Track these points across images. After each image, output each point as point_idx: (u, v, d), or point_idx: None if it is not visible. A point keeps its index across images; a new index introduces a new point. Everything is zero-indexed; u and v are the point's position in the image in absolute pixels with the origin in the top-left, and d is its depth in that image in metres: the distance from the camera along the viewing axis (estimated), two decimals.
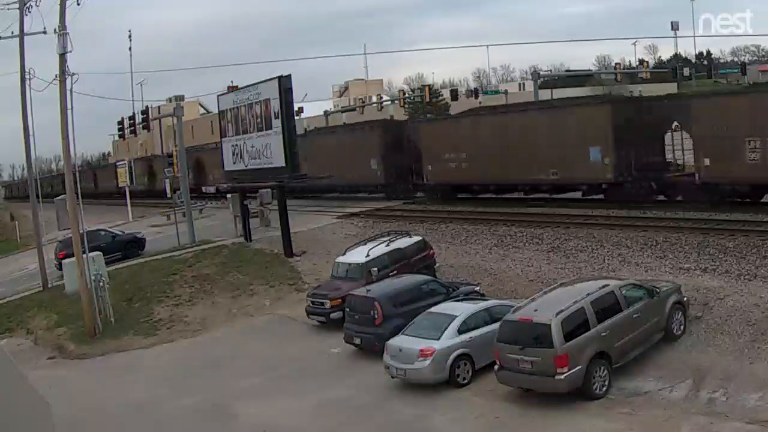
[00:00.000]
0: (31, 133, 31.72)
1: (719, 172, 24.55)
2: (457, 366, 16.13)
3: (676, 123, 27.56)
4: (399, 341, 16.78)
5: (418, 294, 19.07)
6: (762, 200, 24.98)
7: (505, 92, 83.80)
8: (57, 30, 23.98)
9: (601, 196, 29.04)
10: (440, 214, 31.70)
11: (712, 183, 24.91)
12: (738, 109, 24.62)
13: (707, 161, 24.92)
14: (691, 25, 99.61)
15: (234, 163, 32.58)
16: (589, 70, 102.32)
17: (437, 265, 23.68)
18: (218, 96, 34.90)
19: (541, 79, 75.86)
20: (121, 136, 51.74)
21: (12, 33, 30.10)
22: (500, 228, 27.38)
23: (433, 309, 17.58)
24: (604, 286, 15.51)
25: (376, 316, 18.42)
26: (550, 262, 22.56)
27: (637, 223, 24.85)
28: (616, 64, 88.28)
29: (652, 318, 15.65)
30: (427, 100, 73.41)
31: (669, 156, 28.50)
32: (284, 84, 28.03)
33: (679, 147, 28.16)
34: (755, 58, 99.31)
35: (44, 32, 28.21)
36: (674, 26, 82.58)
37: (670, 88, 66.89)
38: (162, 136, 77.20)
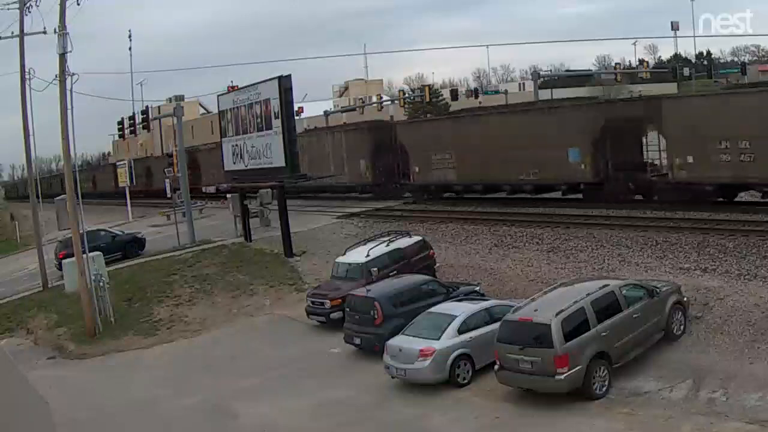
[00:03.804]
0: (31, 133, 31.83)
1: (691, 172, 24.98)
2: (457, 366, 16.13)
3: (651, 124, 27.75)
4: (399, 341, 16.78)
5: (418, 294, 19.07)
6: (735, 200, 25.45)
7: (505, 92, 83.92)
8: (57, 30, 23.98)
9: (579, 196, 29.58)
10: (440, 214, 31.69)
11: (684, 183, 25.32)
12: (709, 110, 25.08)
13: (678, 161, 25.38)
14: (691, 25, 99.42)
15: (234, 163, 32.58)
16: (589, 70, 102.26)
17: (437, 265, 23.68)
18: (218, 96, 34.90)
19: (541, 79, 75.90)
20: (121, 136, 51.78)
21: (12, 33, 30.16)
22: (500, 228, 27.38)
23: (433, 309, 17.58)
24: (604, 286, 15.51)
25: (376, 316, 18.43)
26: (550, 262, 22.56)
27: (637, 223, 24.85)
28: (616, 64, 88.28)
29: (652, 318, 15.65)
30: (427, 100, 73.39)
31: (648, 157, 28.69)
32: (284, 84, 28.04)
33: (657, 148, 28.28)
34: (755, 58, 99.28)
35: (44, 32, 28.27)
36: (674, 26, 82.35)
37: (671, 88, 67.04)
38: (162, 136, 77.35)
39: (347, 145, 41.47)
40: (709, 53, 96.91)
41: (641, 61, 77.04)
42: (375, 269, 21.55)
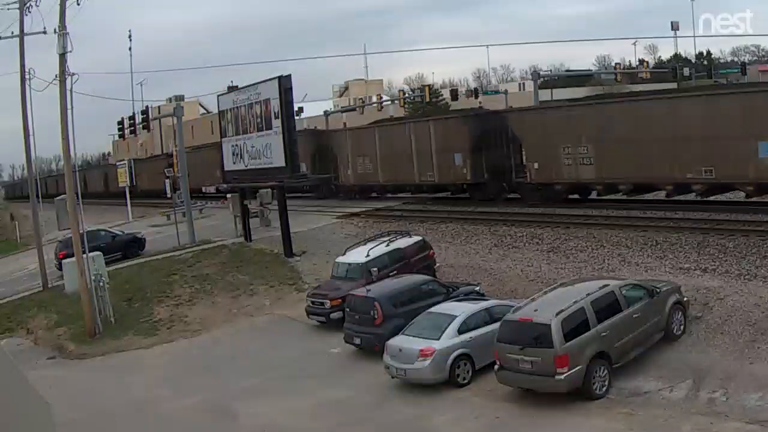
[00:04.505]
0: (31, 133, 31.83)
1: None
2: (457, 366, 16.14)
3: None
4: (399, 341, 16.79)
5: (418, 294, 19.08)
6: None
7: (505, 92, 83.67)
8: (57, 30, 23.99)
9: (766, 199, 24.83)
10: (440, 214, 31.70)
11: None
12: None
13: None
14: (691, 25, 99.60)
15: (234, 163, 32.59)
16: (589, 70, 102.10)
17: (437, 265, 23.68)
18: (218, 96, 34.88)
19: (541, 79, 75.74)
20: (121, 136, 51.70)
21: (12, 33, 30.17)
22: (500, 228, 27.38)
23: (433, 309, 17.59)
24: (604, 286, 15.52)
25: (376, 316, 18.44)
26: (550, 262, 22.56)
27: (637, 223, 24.84)
28: (616, 64, 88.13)
29: (652, 318, 15.65)
30: (427, 100, 73.42)
31: None
32: (284, 84, 28.03)
33: None
34: (755, 58, 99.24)
35: (44, 32, 28.28)
36: (674, 26, 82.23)
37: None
38: (162, 136, 77.47)
39: (437, 138, 35.58)
40: (709, 53, 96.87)
41: (641, 61, 76.95)
42: (375, 269, 21.56)
